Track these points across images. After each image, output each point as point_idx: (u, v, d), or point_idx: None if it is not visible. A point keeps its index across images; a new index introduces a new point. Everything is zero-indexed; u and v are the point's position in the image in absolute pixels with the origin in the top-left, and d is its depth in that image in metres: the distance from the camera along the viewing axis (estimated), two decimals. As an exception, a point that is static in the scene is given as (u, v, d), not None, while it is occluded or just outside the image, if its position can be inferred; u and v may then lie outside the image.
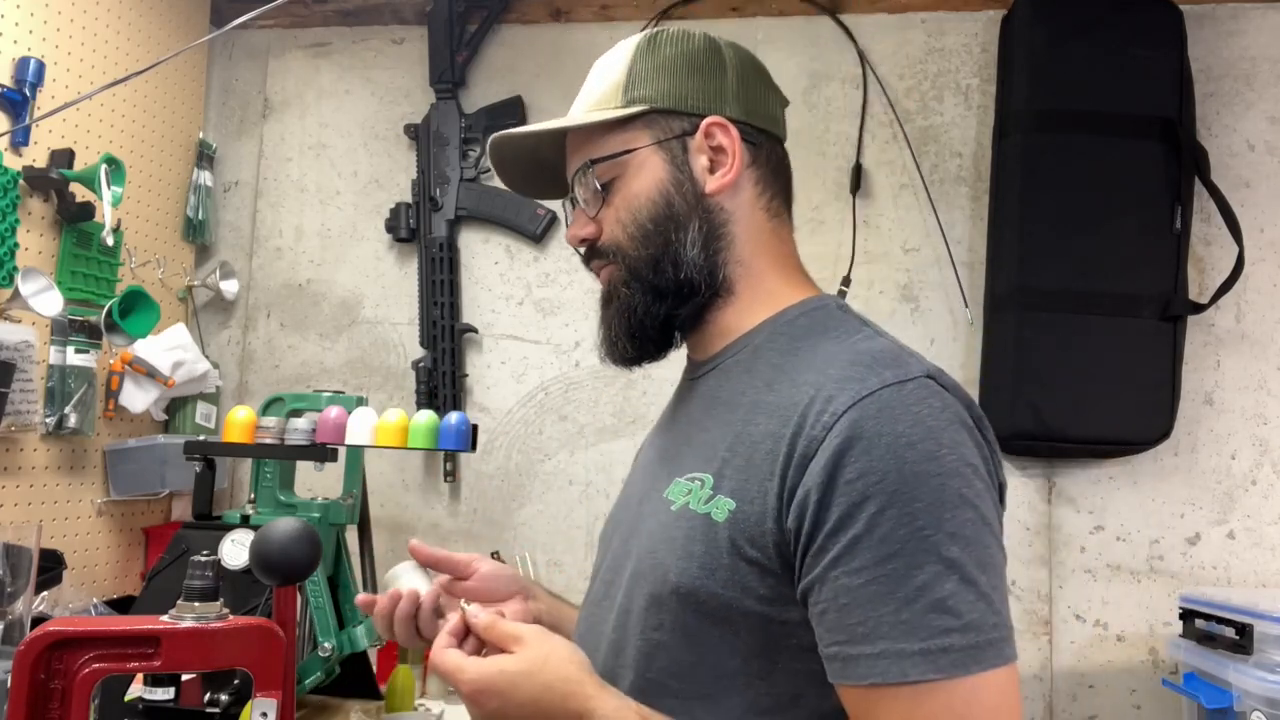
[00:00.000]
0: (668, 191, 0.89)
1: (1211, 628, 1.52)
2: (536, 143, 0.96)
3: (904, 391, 0.75)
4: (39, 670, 0.64)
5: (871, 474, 0.72)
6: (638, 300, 0.90)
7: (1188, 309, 1.77)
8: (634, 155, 0.90)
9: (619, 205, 0.90)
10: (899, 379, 0.76)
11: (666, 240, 0.89)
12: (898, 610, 0.70)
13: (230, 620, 0.69)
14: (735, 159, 0.90)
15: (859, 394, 0.75)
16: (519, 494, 2.04)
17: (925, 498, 0.71)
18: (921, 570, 0.70)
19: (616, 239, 0.91)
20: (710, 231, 0.90)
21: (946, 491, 0.72)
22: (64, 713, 0.64)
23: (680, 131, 0.90)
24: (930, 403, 0.75)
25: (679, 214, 0.89)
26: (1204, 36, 1.88)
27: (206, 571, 0.71)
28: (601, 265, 0.93)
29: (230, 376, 2.17)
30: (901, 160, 1.97)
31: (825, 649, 0.74)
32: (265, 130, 2.23)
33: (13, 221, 1.61)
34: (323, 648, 1.44)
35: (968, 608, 0.70)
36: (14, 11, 1.64)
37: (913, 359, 0.80)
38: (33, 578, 1.28)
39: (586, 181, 0.92)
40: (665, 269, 0.89)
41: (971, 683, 0.69)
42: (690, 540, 0.80)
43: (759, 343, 0.90)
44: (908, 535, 0.71)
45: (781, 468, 0.76)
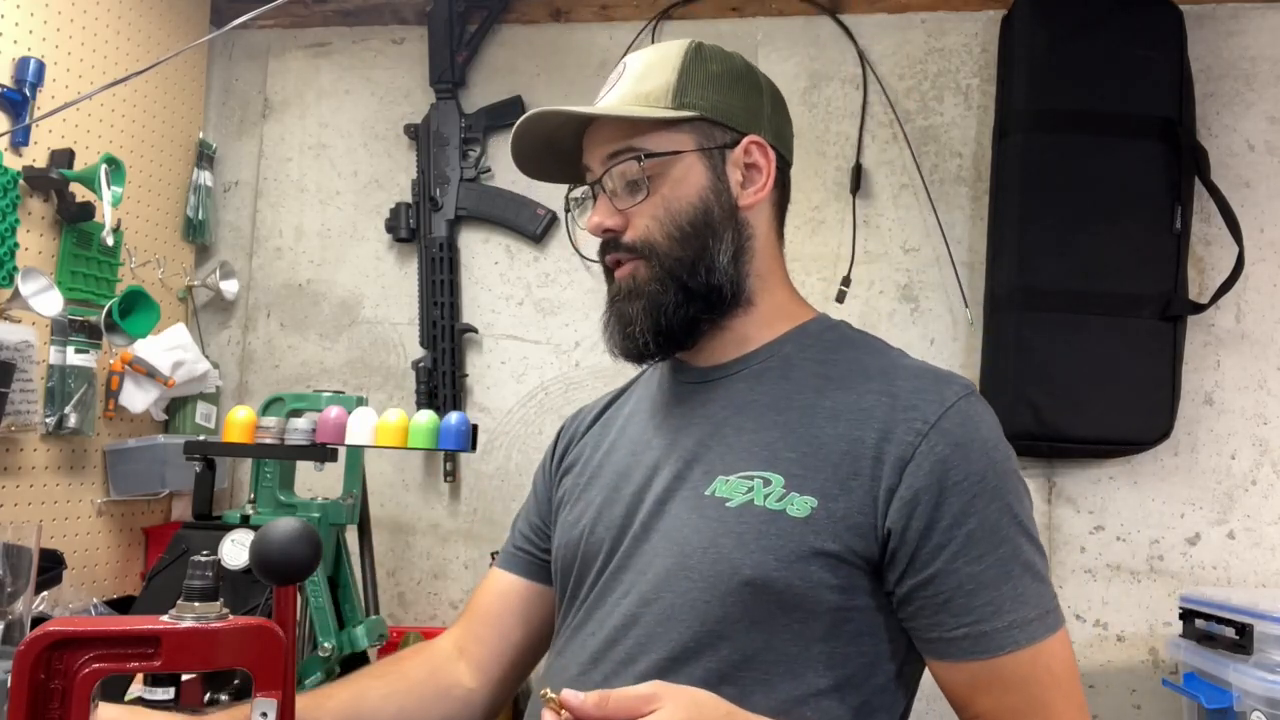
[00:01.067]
0: (708, 198, 0.93)
1: (1211, 628, 1.52)
2: (557, 125, 0.97)
3: (972, 403, 0.88)
4: (39, 670, 0.64)
5: (974, 475, 0.84)
6: (670, 299, 0.92)
7: (1188, 309, 1.77)
8: (681, 158, 0.93)
9: (658, 204, 0.93)
10: (965, 394, 0.88)
11: (704, 245, 0.93)
12: (1015, 586, 0.83)
13: (230, 620, 0.69)
14: (769, 178, 0.95)
15: (942, 405, 0.86)
16: (519, 494, 2.03)
17: (1011, 491, 0.85)
18: (1022, 551, 0.84)
19: (650, 237, 0.93)
20: (740, 244, 0.95)
21: (1020, 483, 0.87)
22: (64, 713, 0.64)
23: (722, 143, 0.94)
24: (989, 413, 0.90)
25: (716, 222, 0.93)
26: (1204, 36, 1.88)
27: (206, 571, 0.71)
28: (625, 259, 0.95)
29: (230, 376, 2.17)
30: (901, 160, 1.97)
31: (949, 632, 0.84)
32: (265, 130, 2.23)
33: (13, 221, 1.61)
34: (323, 648, 1.44)
35: (1045, 576, 0.86)
36: (14, 11, 1.64)
37: (959, 375, 0.92)
38: (33, 578, 1.28)
39: (626, 173, 0.93)
40: (699, 273, 0.93)
41: (1059, 636, 0.85)
42: (762, 535, 0.85)
43: (788, 352, 0.96)
44: (1008, 523, 0.84)
45: (870, 469, 0.85)
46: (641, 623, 0.89)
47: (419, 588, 2.05)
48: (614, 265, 0.96)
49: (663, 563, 0.90)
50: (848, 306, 1.93)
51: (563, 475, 1.10)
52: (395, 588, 2.05)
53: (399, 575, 2.06)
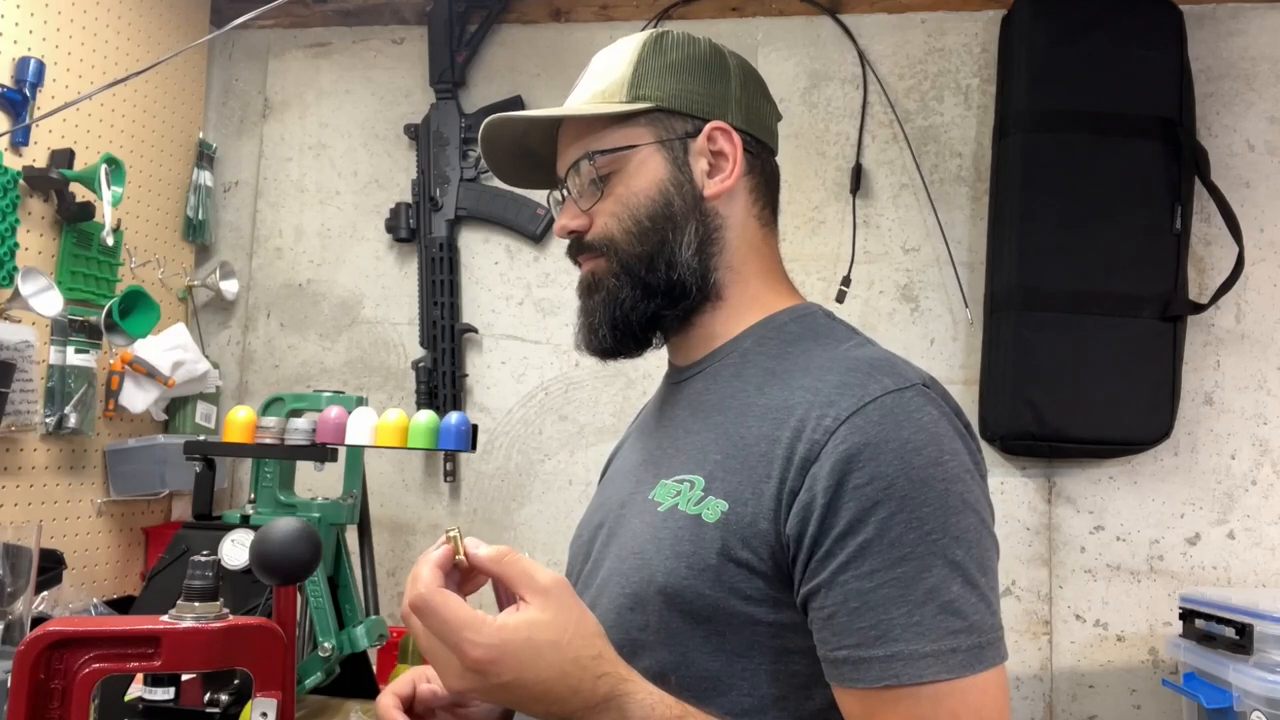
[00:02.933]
0: (667, 191, 0.90)
1: (1211, 628, 1.52)
2: (526, 130, 0.96)
3: (904, 399, 0.77)
4: (39, 670, 0.64)
5: (880, 479, 0.73)
6: (626, 294, 0.90)
7: (1188, 309, 1.77)
8: (636, 152, 0.90)
9: (616, 200, 0.90)
10: (898, 386, 0.78)
11: (663, 239, 0.89)
12: (909, 613, 0.71)
13: (230, 620, 0.69)
14: (735, 165, 0.90)
15: (861, 400, 0.77)
16: (519, 494, 2.04)
17: (932, 503, 0.73)
18: (930, 573, 0.72)
19: (610, 233, 0.90)
20: (705, 235, 0.90)
21: (950, 496, 0.74)
22: (64, 713, 0.64)
23: (683, 133, 0.90)
24: (928, 410, 0.78)
25: (677, 214, 0.89)
26: (1204, 36, 1.88)
27: (206, 571, 0.71)
28: (589, 258, 0.93)
29: (230, 376, 2.17)
30: (901, 160, 1.97)
31: (831, 652, 0.74)
32: (265, 130, 2.23)
33: (13, 221, 1.61)
34: (323, 648, 1.44)
35: (971, 609, 0.72)
36: (14, 11, 1.64)
37: (908, 367, 0.82)
38: (33, 578, 1.28)
39: (583, 173, 0.91)
40: (659, 267, 0.89)
41: (974, 681, 0.71)
42: (678, 540, 0.80)
43: (747, 347, 0.91)
44: (917, 539, 0.72)
45: (780, 470, 0.77)
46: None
47: (419, 588, 2.05)
48: (581, 265, 0.95)
49: (607, 569, 0.88)
50: (848, 306, 1.93)
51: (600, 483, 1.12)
52: (395, 588, 2.05)
53: (399, 575, 2.06)
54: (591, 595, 0.88)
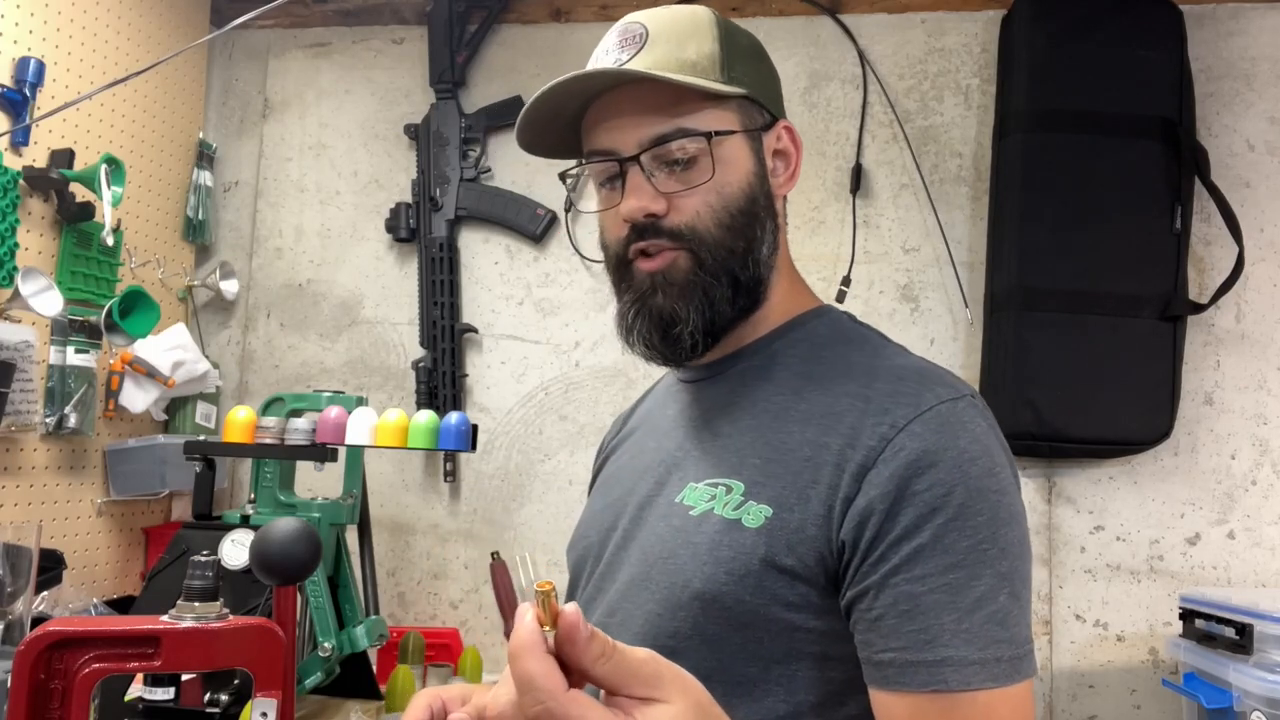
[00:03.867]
0: (753, 184, 0.87)
1: (1211, 628, 1.52)
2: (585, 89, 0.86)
3: (958, 409, 0.78)
4: (39, 670, 0.64)
5: (939, 486, 0.74)
6: (720, 292, 0.85)
7: (1188, 309, 1.77)
8: (732, 138, 0.85)
9: (710, 188, 0.84)
10: (952, 397, 0.78)
11: (751, 235, 0.86)
12: (959, 619, 0.71)
13: (230, 620, 0.69)
14: (797, 166, 0.90)
15: (917, 409, 0.77)
16: (519, 494, 2.04)
17: (985, 513, 0.74)
18: (979, 582, 0.72)
19: (701, 224, 0.84)
20: (773, 233, 0.88)
21: (1001, 509, 0.75)
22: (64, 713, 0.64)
23: (760, 126, 0.88)
24: (979, 422, 0.78)
25: (760, 210, 0.87)
26: (1204, 36, 1.88)
27: (206, 571, 0.71)
28: (666, 248, 0.85)
29: (230, 376, 2.17)
30: (901, 160, 1.97)
31: (876, 654, 0.73)
32: (265, 130, 2.23)
33: (13, 221, 1.61)
34: (323, 648, 1.44)
35: (1013, 620, 0.73)
36: (14, 11, 1.64)
37: (954, 378, 0.82)
38: (33, 578, 1.28)
39: (677, 151, 0.83)
40: (749, 265, 0.86)
41: (1013, 692, 0.71)
42: (716, 545, 0.78)
43: (776, 349, 0.89)
44: (969, 548, 0.73)
45: (830, 476, 0.77)
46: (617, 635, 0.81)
47: (419, 588, 2.05)
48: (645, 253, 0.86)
49: (629, 573, 0.85)
50: (848, 306, 1.92)
51: (592, 484, 1.09)
52: (395, 588, 2.05)
53: (399, 575, 2.06)
54: (610, 598, 0.86)
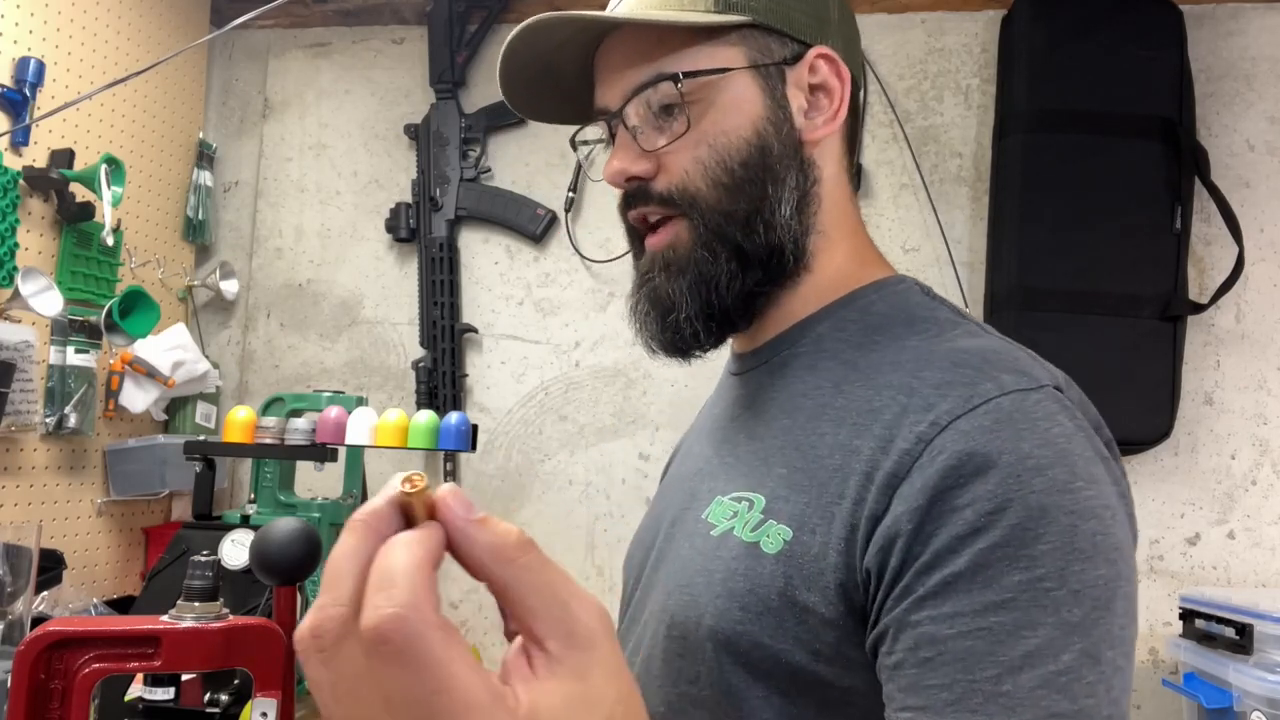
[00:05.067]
0: (765, 131, 0.71)
1: (1211, 628, 1.52)
2: (561, 44, 0.75)
3: (1027, 402, 0.60)
4: (39, 670, 0.64)
5: (984, 501, 0.56)
6: (720, 269, 0.70)
7: (1188, 309, 1.77)
8: (729, 78, 0.70)
9: (700, 141, 0.71)
10: (1021, 386, 0.61)
11: (761, 194, 0.70)
12: (999, 678, 0.53)
13: (230, 620, 0.69)
14: (841, 104, 0.73)
15: (969, 402, 0.60)
16: (519, 494, 2.03)
17: (1052, 539, 0.55)
18: (1034, 631, 0.54)
19: (692, 185, 0.71)
20: (804, 189, 0.72)
21: (1079, 536, 0.56)
22: (64, 713, 0.64)
23: (781, 58, 0.72)
24: (1060, 420, 0.60)
25: (775, 163, 0.71)
26: (1204, 36, 1.88)
27: (206, 571, 0.71)
28: (661, 215, 0.73)
29: (230, 376, 2.17)
30: (901, 160, 1.97)
31: (894, 713, 0.57)
32: (265, 130, 2.23)
33: (13, 221, 1.61)
34: (323, 648, 1.43)
35: (1084, 690, 0.53)
36: (14, 11, 1.64)
37: (1034, 363, 0.65)
38: (33, 578, 1.29)
39: (655, 101, 0.71)
40: (756, 230, 0.70)
41: None
42: (731, 575, 0.64)
43: (822, 331, 0.73)
44: (1023, 584, 0.55)
45: (856, 489, 0.61)
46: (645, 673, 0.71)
47: (419, 588, 2.05)
48: (643, 225, 0.75)
49: (657, 601, 0.72)
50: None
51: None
52: (395, 588, 2.05)
53: (399, 575, 2.06)
54: (638, 632, 0.74)
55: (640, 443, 2.00)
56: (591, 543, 1.99)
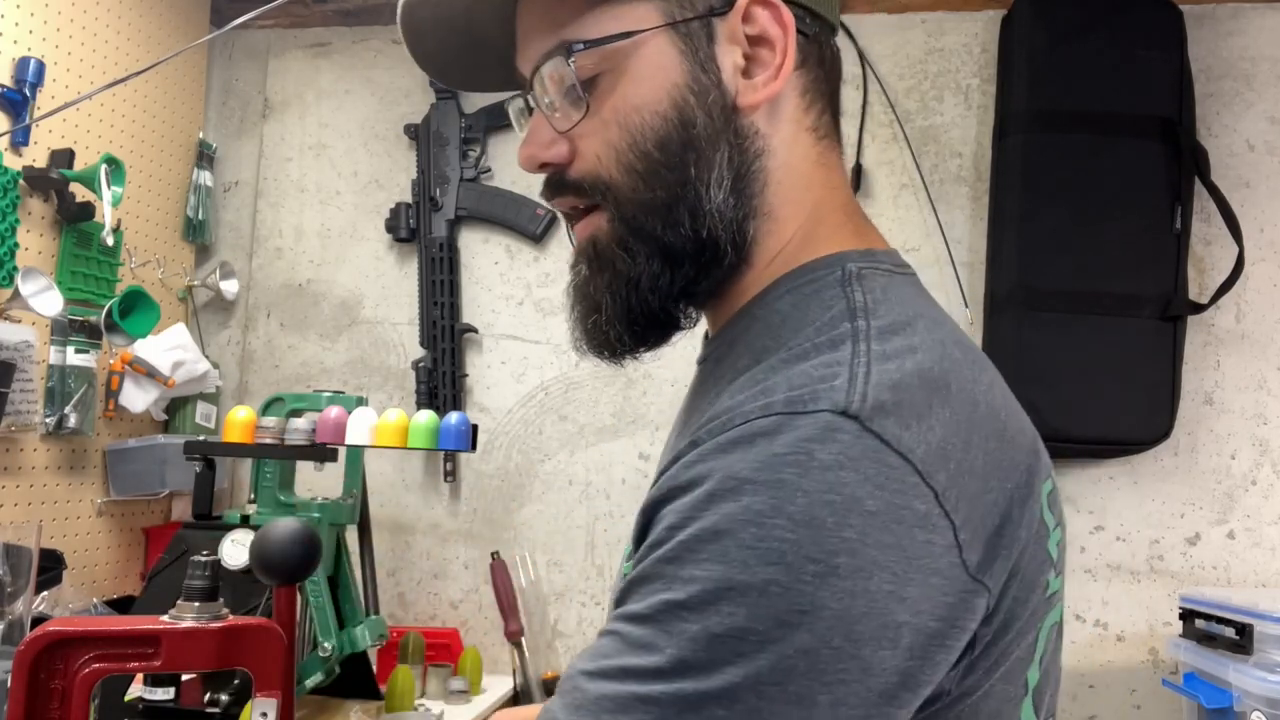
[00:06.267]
0: (685, 101, 0.60)
1: (1211, 628, 1.52)
2: (468, 7, 0.67)
3: (785, 425, 0.50)
4: (39, 670, 0.64)
5: (674, 514, 0.51)
6: (642, 268, 0.61)
7: (1188, 309, 1.77)
8: (636, 42, 0.60)
9: (609, 119, 0.61)
10: (793, 410, 0.50)
11: (684, 178, 0.60)
12: (590, 675, 0.50)
13: (230, 620, 0.69)
14: (785, 57, 0.60)
15: (727, 425, 0.52)
16: (519, 494, 2.04)
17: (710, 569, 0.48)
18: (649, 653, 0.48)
19: (605, 172, 0.61)
20: (742, 166, 0.61)
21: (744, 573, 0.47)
22: (64, 713, 0.64)
23: (705, 9, 0.60)
24: (815, 452, 0.48)
25: (700, 137, 0.60)
26: (1204, 36, 1.88)
27: (206, 571, 0.71)
28: (579, 207, 0.64)
29: (230, 376, 2.17)
30: (901, 160, 1.97)
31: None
32: (265, 130, 2.23)
33: (13, 221, 1.61)
34: (323, 648, 1.44)
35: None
36: (14, 11, 1.64)
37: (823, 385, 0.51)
38: (33, 578, 1.29)
39: (554, 77, 0.62)
40: (680, 221, 0.60)
41: None
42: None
43: (736, 333, 0.64)
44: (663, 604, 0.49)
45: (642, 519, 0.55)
46: None
47: (419, 588, 2.05)
48: (567, 215, 0.66)
49: None
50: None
51: None
52: (395, 588, 2.05)
53: (399, 575, 2.06)
54: None
55: (640, 442, 2.00)
56: (591, 543, 1.99)
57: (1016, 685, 0.57)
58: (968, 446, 0.52)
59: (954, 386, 0.54)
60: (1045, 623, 0.59)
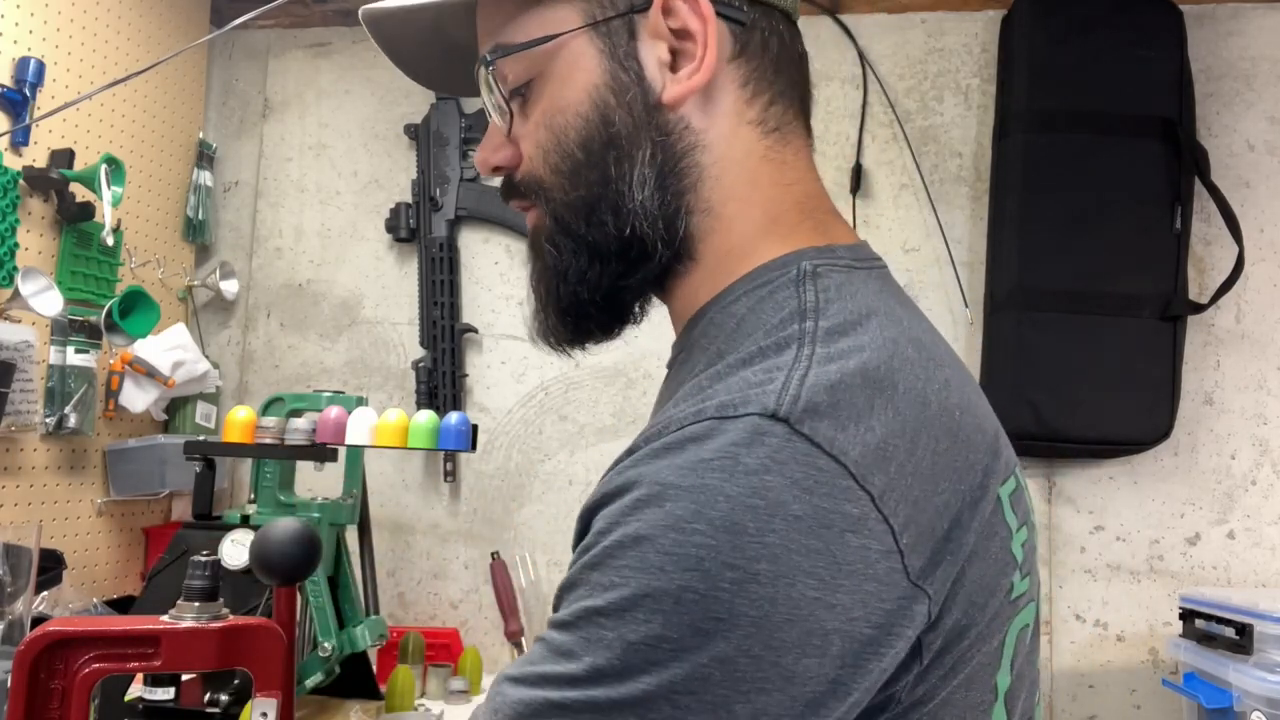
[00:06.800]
0: (604, 101, 0.61)
1: (1211, 628, 1.52)
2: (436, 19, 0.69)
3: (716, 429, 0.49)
4: (39, 670, 0.64)
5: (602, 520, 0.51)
6: (569, 263, 0.63)
7: (1188, 309, 1.77)
8: (558, 44, 0.61)
9: (539, 122, 0.63)
10: (724, 414, 0.50)
11: (604, 176, 0.61)
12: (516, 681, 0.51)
13: (230, 620, 0.69)
14: (707, 49, 0.60)
15: (663, 431, 0.52)
16: (519, 494, 2.04)
17: (630, 575, 0.48)
18: (569, 660, 0.48)
19: (537, 173, 0.64)
20: (668, 163, 0.61)
21: (660, 580, 0.47)
22: (64, 713, 0.64)
23: (626, 7, 0.61)
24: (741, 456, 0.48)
25: (621, 136, 0.61)
26: (1204, 36, 1.88)
27: (206, 571, 0.71)
28: (523, 206, 0.68)
29: (230, 376, 2.17)
30: (901, 160, 1.98)
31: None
32: (265, 130, 2.23)
33: (13, 221, 1.61)
34: (323, 648, 1.44)
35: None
36: (14, 11, 1.64)
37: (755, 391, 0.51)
38: (33, 578, 1.29)
39: (488, 81, 0.64)
40: (603, 218, 0.62)
41: None
42: None
43: (695, 336, 0.63)
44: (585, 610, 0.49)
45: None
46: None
47: (419, 588, 2.05)
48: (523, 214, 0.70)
49: None
50: (848, 306, 1.93)
51: None
52: (395, 588, 2.05)
53: (399, 575, 2.06)
54: None
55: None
56: (591, 543, 1.99)
57: (983, 691, 0.55)
58: (913, 447, 0.51)
59: (901, 385, 0.52)
60: (1013, 626, 0.57)
